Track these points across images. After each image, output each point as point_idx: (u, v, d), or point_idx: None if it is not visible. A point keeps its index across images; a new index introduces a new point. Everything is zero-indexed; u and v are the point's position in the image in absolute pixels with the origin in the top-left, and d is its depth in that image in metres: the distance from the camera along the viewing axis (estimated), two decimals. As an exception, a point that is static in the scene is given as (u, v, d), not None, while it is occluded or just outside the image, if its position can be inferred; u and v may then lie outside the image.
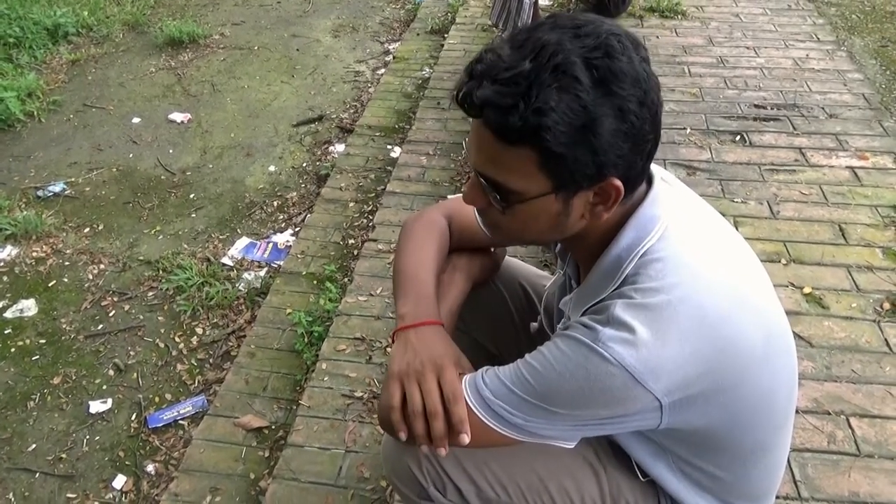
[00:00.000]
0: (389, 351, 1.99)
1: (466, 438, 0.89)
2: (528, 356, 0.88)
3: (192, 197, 3.08)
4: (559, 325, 1.04)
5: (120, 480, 1.90)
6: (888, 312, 2.05)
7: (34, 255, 2.72)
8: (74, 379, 2.21)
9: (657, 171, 0.92)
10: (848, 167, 2.73)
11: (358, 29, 4.61)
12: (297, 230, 2.82)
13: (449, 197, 2.70)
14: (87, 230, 2.88)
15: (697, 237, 0.88)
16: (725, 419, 0.86)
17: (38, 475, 1.92)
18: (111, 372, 2.23)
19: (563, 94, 0.74)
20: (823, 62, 3.55)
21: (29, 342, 2.35)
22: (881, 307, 2.07)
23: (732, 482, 0.97)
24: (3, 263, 2.69)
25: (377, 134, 3.34)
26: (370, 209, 2.81)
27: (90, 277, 2.62)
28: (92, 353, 2.30)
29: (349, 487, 1.69)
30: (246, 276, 2.60)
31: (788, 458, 1.51)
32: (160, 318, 2.43)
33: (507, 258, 1.34)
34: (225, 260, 2.69)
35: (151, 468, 1.93)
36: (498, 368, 0.91)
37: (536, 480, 1.02)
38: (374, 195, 2.90)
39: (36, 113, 3.65)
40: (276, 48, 4.38)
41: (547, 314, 1.21)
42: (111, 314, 2.45)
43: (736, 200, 2.57)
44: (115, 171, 3.26)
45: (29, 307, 2.48)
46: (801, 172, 2.72)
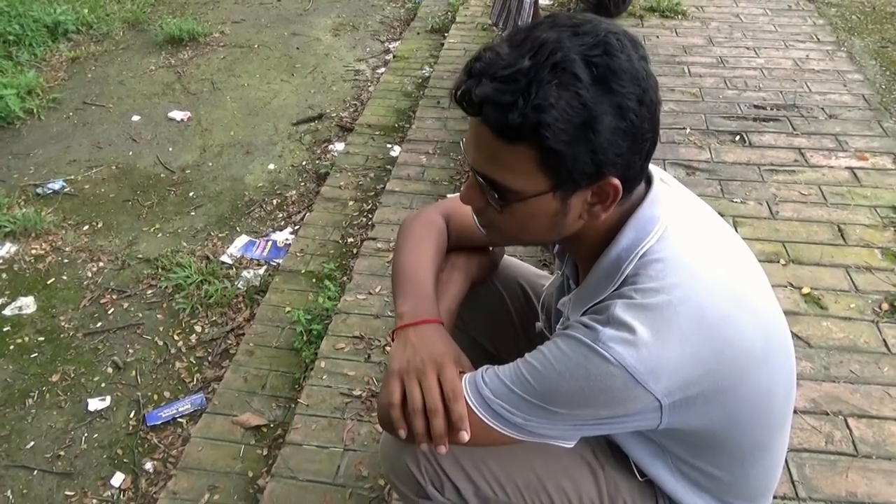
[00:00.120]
0: (389, 349, 2.00)
1: (466, 436, 0.89)
2: (527, 356, 0.88)
3: (191, 195, 3.08)
4: (558, 325, 1.04)
5: (118, 478, 1.90)
6: (887, 313, 2.05)
7: (33, 252, 2.72)
8: (73, 377, 2.21)
9: (656, 171, 0.92)
10: (847, 168, 2.73)
11: (358, 27, 4.61)
12: (296, 228, 2.82)
13: (448, 196, 2.71)
14: (86, 228, 2.88)
15: (697, 238, 0.88)
16: (724, 419, 0.86)
17: (36, 473, 1.92)
18: (110, 370, 2.23)
19: (562, 91, 0.74)
20: (823, 63, 3.55)
21: (28, 340, 2.35)
22: (880, 308, 2.08)
23: (731, 482, 0.97)
24: (2, 261, 2.69)
25: (377, 133, 3.34)
26: (369, 208, 2.81)
27: (89, 275, 2.62)
28: (91, 350, 2.30)
29: (347, 486, 1.69)
30: (245, 274, 2.60)
31: (786, 458, 1.51)
32: (159, 316, 2.43)
33: (505, 257, 1.34)
34: (224, 258, 2.69)
35: (150, 466, 1.93)
36: (497, 367, 0.91)
37: (535, 479, 1.02)
38: (373, 194, 2.90)
39: (35, 110, 3.65)
40: (276, 46, 4.38)
41: (545, 314, 1.21)
42: (110, 312, 2.45)
43: (735, 201, 2.57)
44: (114, 168, 3.26)
45: (28, 305, 2.48)
46: (800, 173, 2.72)
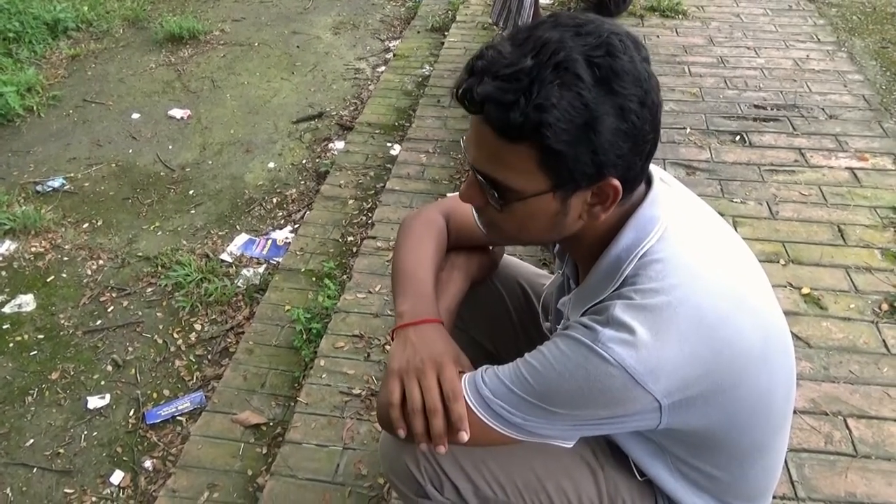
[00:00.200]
0: (388, 348, 2.00)
1: (466, 436, 0.89)
2: (527, 356, 0.88)
3: (191, 193, 3.08)
4: (558, 325, 1.04)
5: (117, 476, 1.90)
6: (886, 313, 2.05)
7: (33, 250, 2.72)
8: (72, 374, 2.21)
9: (656, 171, 0.92)
10: (847, 168, 2.73)
11: (358, 26, 4.61)
12: (296, 227, 2.82)
13: (448, 195, 2.71)
14: (85, 226, 2.88)
15: (696, 238, 0.88)
16: (724, 419, 0.86)
17: (35, 470, 1.92)
18: (109, 368, 2.23)
19: (564, 91, 0.74)
20: (824, 63, 3.55)
21: (27, 337, 2.35)
22: (879, 308, 2.08)
23: (730, 482, 0.97)
24: (1, 258, 2.69)
25: (377, 131, 3.34)
26: (369, 206, 2.81)
27: (89, 273, 2.62)
28: (90, 348, 2.30)
29: (346, 484, 1.69)
30: (245, 272, 2.60)
31: (786, 458, 1.51)
32: (159, 314, 2.43)
33: (505, 257, 1.34)
34: (224, 256, 2.69)
35: (149, 464, 1.93)
36: (497, 367, 0.91)
37: (534, 479, 1.02)
38: (373, 193, 2.90)
39: (35, 108, 3.65)
40: (276, 45, 4.37)
41: (545, 314, 1.21)
42: (110, 310, 2.45)
43: (735, 201, 2.57)
44: (114, 166, 3.25)
45: (27, 302, 2.48)
46: (800, 173, 2.72)
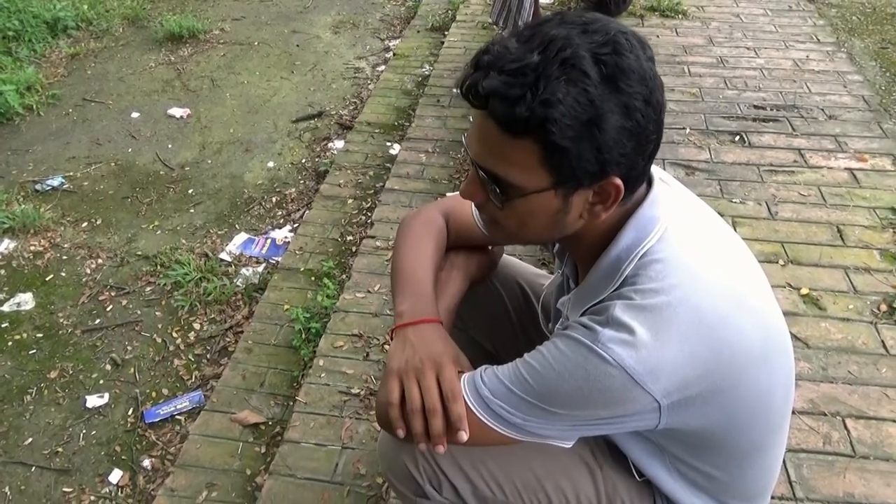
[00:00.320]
0: (387, 348, 2.00)
1: (465, 436, 0.89)
2: (527, 356, 0.88)
3: (190, 192, 3.08)
4: (557, 325, 1.04)
5: (116, 475, 1.90)
6: (885, 314, 2.06)
7: (32, 248, 2.72)
8: (71, 373, 2.21)
9: (656, 171, 0.92)
10: (847, 169, 2.73)
11: (358, 25, 4.61)
12: (295, 226, 2.82)
13: (447, 194, 2.71)
14: (85, 224, 2.87)
15: (696, 238, 0.88)
16: (723, 420, 0.87)
17: (34, 469, 1.92)
18: (108, 366, 2.23)
19: (570, 87, 0.74)
20: (823, 63, 3.55)
21: (26, 336, 2.35)
22: (878, 309, 2.08)
23: (728, 482, 0.98)
24: (0, 257, 2.68)
25: (376, 131, 3.34)
26: (369, 206, 2.81)
27: (88, 272, 2.62)
28: (89, 347, 2.30)
29: (345, 484, 1.69)
30: (244, 271, 2.59)
31: (784, 458, 1.51)
32: (158, 313, 2.43)
33: (504, 257, 1.34)
34: (223, 255, 2.68)
35: (148, 463, 1.93)
36: (497, 367, 0.91)
37: (533, 479, 1.02)
38: (372, 192, 2.90)
39: (35, 107, 3.64)
40: (276, 44, 4.37)
41: (544, 313, 1.20)
42: (108, 309, 2.45)
43: (734, 201, 2.57)
44: (113, 165, 3.25)
45: (26, 301, 2.48)
46: (799, 173, 2.72)
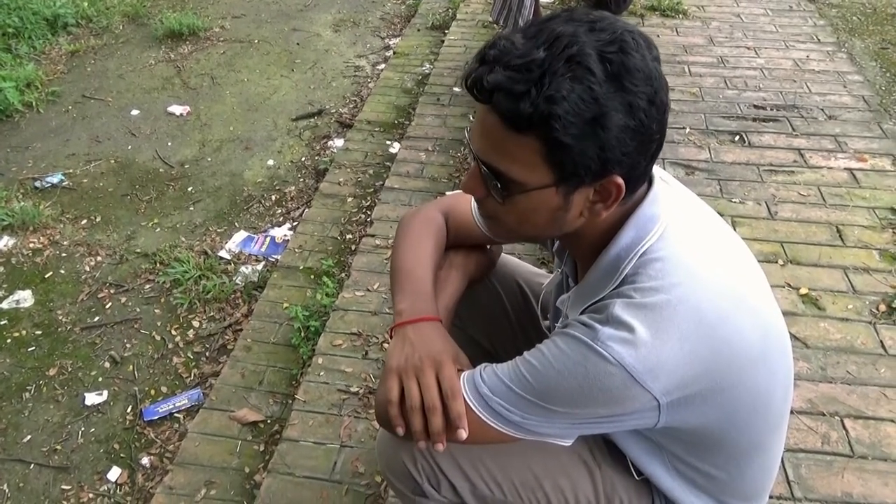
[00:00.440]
0: (387, 346, 2.00)
1: (464, 434, 0.89)
2: (526, 354, 0.88)
3: (190, 190, 3.08)
4: (557, 323, 1.04)
5: (115, 473, 1.90)
6: (884, 314, 2.06)
7: (31, 246, 2.72)
8: (70, 371, 2.21)
9: (656, 171, 0.92)
10: (846, 169, 2.73)
11: (358, 24, 4.60)
12: (294, 224, 2.81)
13: (447, 193, 2.70)
14: (84, 222, 2.87)
15: (696, 237, 0.88)
16: (722, 418, 0.87)
17: (32, 466, 1.92)
18: (107, 364, 2.23)
19: (575, 84, 0.74)
20: (823, 63, 3.55)
21: (25, 333, 2.34)
22: (877, 309, 2.08)
23: (727, 481, 0.98)
24: (-1, 254, 2.69)
25: (376, 129, 3.34)
26: (368, 204, 2.81)
27: (87, 269, 2.62)
28: (88, 345, 2.30)
29: (344, 482, 1.70)
30: (243, 269, 2.59)
31: (782, 458, 1.51)
32: (157, 310, 2.43)
33: (503, 256, 1.34)
34: (222, 253, 2.68)
35: (146, 461, 1.93)
36: (496, 366, 0.91)
37: (531, 478, 1.02)
38: (372, 190, 2.90)
39: (34, 104, 3.64)
40: (276, 42, 4.37)
41: (543, 312, 1.20)
42: (108, 306, 2.45)
43: (734, 201, 2.57)
44: (113, 163, 3.25)
45: (25, 298, 2.48)
46: (799, 173, 2.72)
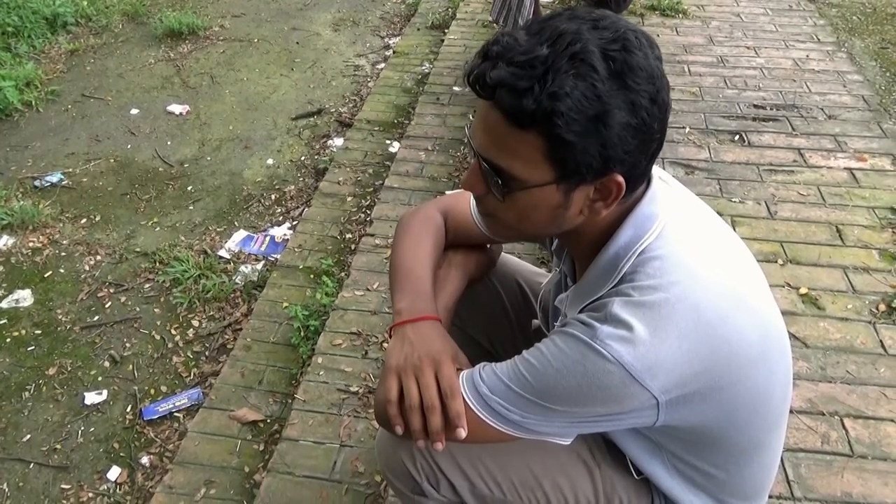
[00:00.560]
0: (386, 346, 2.00)
1: (463, 432, 0.89)
2: (525, 353, 0.88)
3: (189, 189, 3.07)
4: (556, 322, 1.04)
5: (114, 472, 1.90)
6: (883, 314, 2.06)
7: (30, 245, 2.72)
8: (70, 370, 2.21)
9: (655, 170, 0.92)
10: (846, 168, 2.73)
11: (358, 23, 4.60)
12: (294, 224, 2.81)
13: (446, 192, 2.70)
14: (83, 221, 2.87)
15: (695, 236, 0.88)
16: (721, 417, 0.87)
17: (32, 466, 1.92)
18: (107, 363, 2.23)
19: (579, 81, 0.74)
20: (823, 63, 3.55)
21: (24, 332, 2.34)
22: (877, 309, 2.08)
23: (726, 480, 0.98)
24: (-1, 253, 2.68)
25: (376, 128, 3.34)
26: (368, 204, 2.81)
27: (86, 268, 2.61)
28: (87, 344, 2.30)
29: (343, 482, 1.70)
30: (243, 269, 2.59)
31: (782, 457, 1.51)
32: (156, 310, 2.43)
33: (503, 255, 1.34)
34: (222, 253, 2.68)
35: (146, 460, 1.93)
36: (495, 365, 0.91)
37: (530, 477, 1.02)
38: (372, 190, 2.90)
39: (34, 103, 3.64)
40: (275, 41, 4.36)
41: (543, 311, 1.20)
42: (107, 305, 2.44)
43: (734, 200, 2.57)
44: (112, 162, 3.25)
45: (25, 297, 2.48)
46: (799, 173, 2.72)
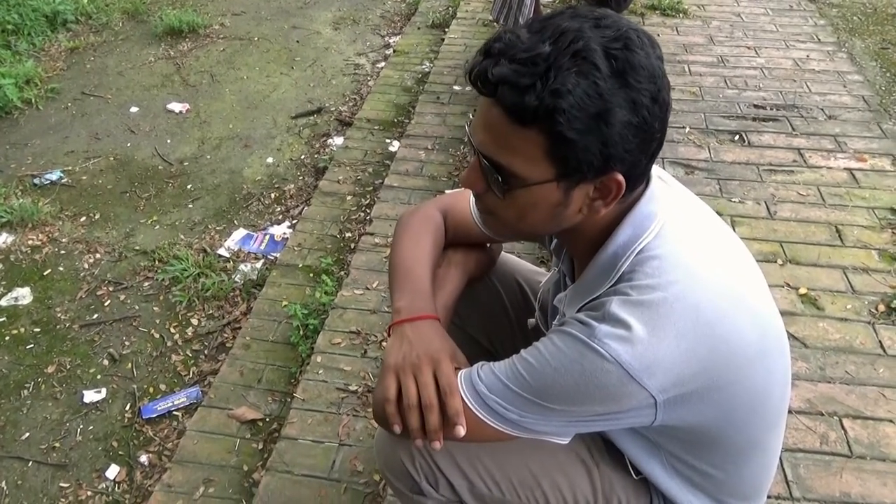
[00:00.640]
0: (385, 345, 2.00)
1: (462, 431, 0.89)
2: (523, 352, 0.88)
3: (189, 187, 3.07)
4: (554, 321, 1.04)
5: (113, 470, 1.90)
6: (883, 314, 2.06)
7: (30, 243, 2.72)
8: (69, 368, 2.20)
9: (654, 170, 0.92)
10: (846, 169, 2.73)
11: (358, 21, 4.60)
12: (294, 222, 2.81)
13: (446, 192, 2.70)
14: (83, 219, 2.87)
15: (694, 236, 0.88)
16: (719, 417, 0.87)
17: (30, 464, 1.92)
18: (106, 362, 2.23)
19: (581, 78, 0.74)
20: (824, 63, 3.55)
21: (23, 330, 2.34)
22: (876, 309, 2.08)
23: (724, 480, 0.98)
24: (-2, 251, 2.68)
25: (376, 127, 3.33)
26: (367, 203, 2.81)
27: (86, 266, 2.61)
28: (87, 342, 2.30)
29: (342, 481, 1.70)
30: (242, 267, 2.59)
31: (781, 457, 1.50)
32: (156, 308, 2.43)
33: (503, 254, 1.34)
34: (221, 251, 2.68)
35: (145, 459, 1.93)
36: (493, 364, 0.91)
37: (529, 477, 1.02)
38: (371, 189, 2.90)
39: (34, 100, 3.63)
40: (276, 39, 4.36)
41: (542, 311, 1.20)
42: (106, 304, 2.44)
43: (733, 200, 2.57)
44: (112, 160, 3.25)
45: (24, 295, 2.48)
46: (799, 173, 2.72)
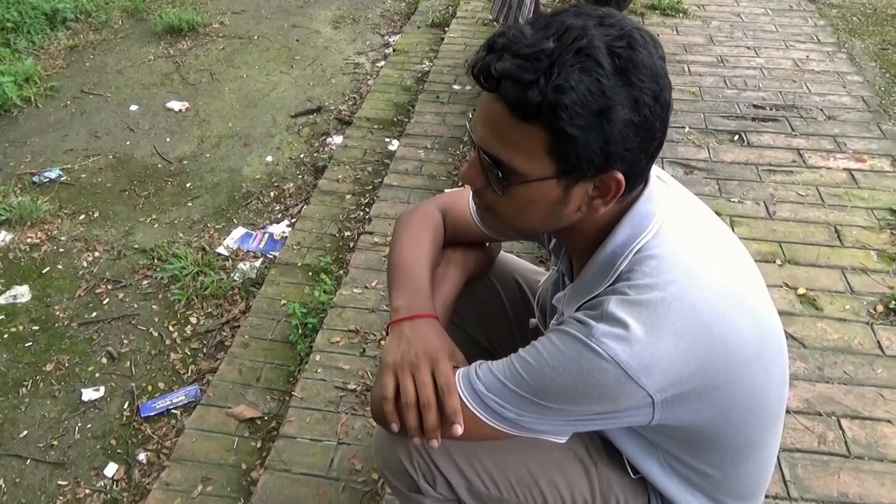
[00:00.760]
0: (384, 343, 2.00)
1: (460, 429, 0.89)
2: (521, 351, 0.88)
3: (188, 186, 3.07)
4: (553, 320, 1.04)
5: (111, 468, 1.90)
6: (881, 315, 2.06)
7: (28, 241, 2.71)
8: (67, 366, 2.20)
9: (654, 170, 0.92)
10: (845, 169, 2.74)
11: (358, 20, 4.60)
12: (293, 221, 2.81)
13: (445, 191, 2.70)
14: (82, 217, 2.87)
15: (693, 236, 0.88)
16: (717, 417, 0.87)
17: (29, 461, 1.92)
18: (104, 360, 2.23)
19: (584, 75, 0.74)
20: (823, 64, 3.55)
21: (22, 328, 2.34)
22: (874, 309, 2.08)
23: (722, 480, 0.98)
24: (-3, 249, 2.68)
25: (375, 126, 3.33)
26: (367, 202, 2.81)
27: (84, 265, 2.61)
28: (85, 340, 2.30)
29: (341, 479, 1.70)
30: (241, 266, 2.59)
31: (778, 457, 1.51)
32: (154, 306, 2.43)
33: (502, 253, 1.34)
34: (220, 250, 2.68)
35: (143, 457, 1.93)
36: (491, 363, 0.91)
37: (527, 475, 1.02)
38: (371, 188, 2.90)
39: (33, 98, 3.63)
40: (275, 38, 4.36)
41: (541, 310, 1.21)
42: (105, 302, 2.44)
43: (733, 200, 2.57)
44: (111, 158, 3.25)
45: (22, 293, 2.48)
46: (798, 173, 2.72)
